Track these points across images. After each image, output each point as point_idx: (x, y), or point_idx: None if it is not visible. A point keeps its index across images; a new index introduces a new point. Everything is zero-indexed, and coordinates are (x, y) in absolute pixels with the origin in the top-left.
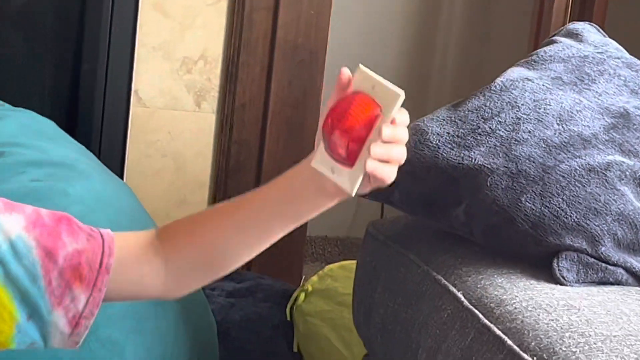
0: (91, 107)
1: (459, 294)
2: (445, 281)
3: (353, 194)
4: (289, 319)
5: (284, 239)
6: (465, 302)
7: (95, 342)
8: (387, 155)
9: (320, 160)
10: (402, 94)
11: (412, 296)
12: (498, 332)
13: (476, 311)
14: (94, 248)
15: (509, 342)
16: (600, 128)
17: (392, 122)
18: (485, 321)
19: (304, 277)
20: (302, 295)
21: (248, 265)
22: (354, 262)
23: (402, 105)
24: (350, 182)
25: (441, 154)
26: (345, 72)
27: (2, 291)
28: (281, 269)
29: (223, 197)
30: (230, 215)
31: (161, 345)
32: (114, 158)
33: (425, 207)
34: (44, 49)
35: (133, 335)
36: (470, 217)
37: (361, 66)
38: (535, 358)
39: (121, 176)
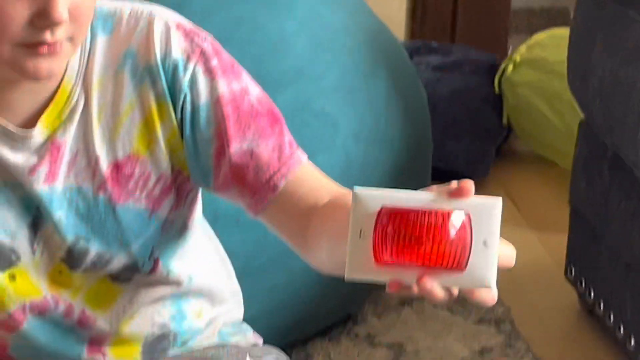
0: None
1: None
2: None
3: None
4: (497, 91)
5: (486, 11)
6: None
7: (309, 115)
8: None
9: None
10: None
11: (633, 54)
12: None
13: None
14: (271, 159)
15: None
16: None
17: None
18: None
19: (511, 48)
20: (511, 66)
21: (452, 39)
22: (564, 29)
23: None
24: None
25: None
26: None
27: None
28: (486, 42)
29: None
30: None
31: (373, 116)
32: None
33: None
34: None
35: (345, 107)
36: None
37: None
38: None
39: None
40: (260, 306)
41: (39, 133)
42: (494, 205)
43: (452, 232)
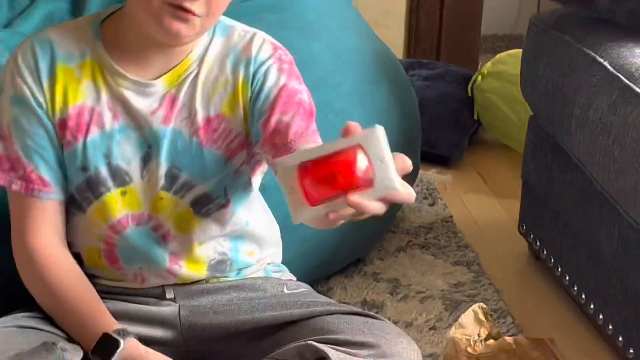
0: None
1: (605, 63)
2: (594, 54)
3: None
4: (470, 95)
5: (463, 37)
6: (611, 69)
7: (331, 113)
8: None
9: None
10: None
11: (568, 68)
12: (638, 90)
13: (620, 75)
14: (297, 132)
15: None
16: None
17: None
18: (627, 82)
19: (480, 64)
20: (480, 77)
21: (437, 57)
22: (520, 50)
23: None
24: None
25: None
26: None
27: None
28: (462, 59)
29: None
30: None
31: (377, 114)
32: None
33: None
34: None
35: (358, 107)
36: (614, 3)
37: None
38: None
39: None
40: (294, 253)
41: (160, 85)
42: (376, 131)
43: (356, 161)
